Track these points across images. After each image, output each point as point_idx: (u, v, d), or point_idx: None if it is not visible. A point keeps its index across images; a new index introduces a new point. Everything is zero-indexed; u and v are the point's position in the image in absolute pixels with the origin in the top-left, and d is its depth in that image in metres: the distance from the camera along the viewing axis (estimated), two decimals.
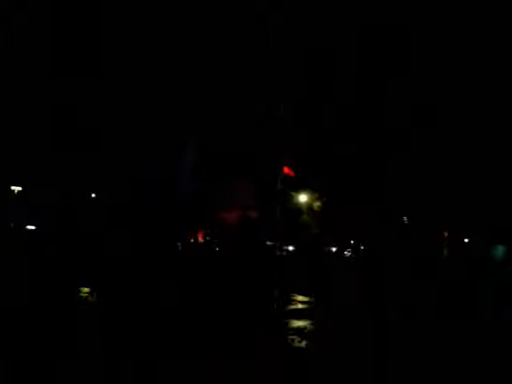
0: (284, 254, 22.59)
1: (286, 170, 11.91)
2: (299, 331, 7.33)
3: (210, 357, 3.89)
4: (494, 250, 6.46)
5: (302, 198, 22.46)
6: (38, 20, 18.16)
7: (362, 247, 24.55)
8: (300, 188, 21.30)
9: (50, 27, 18.14)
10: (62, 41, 18.73)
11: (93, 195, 20.71)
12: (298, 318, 8.50)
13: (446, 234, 19.55)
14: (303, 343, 6.46)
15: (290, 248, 24.71)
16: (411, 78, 18.56)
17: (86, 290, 10.69)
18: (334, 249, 26.80)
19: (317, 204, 22.39)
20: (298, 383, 4.74)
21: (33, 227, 20.53)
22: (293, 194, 21.31)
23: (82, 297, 9.64)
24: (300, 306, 10.64)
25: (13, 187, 21.63)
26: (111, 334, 4.98)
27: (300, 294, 11.86)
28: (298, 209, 22.18)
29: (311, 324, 8.02)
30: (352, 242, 27.15)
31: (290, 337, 6.98)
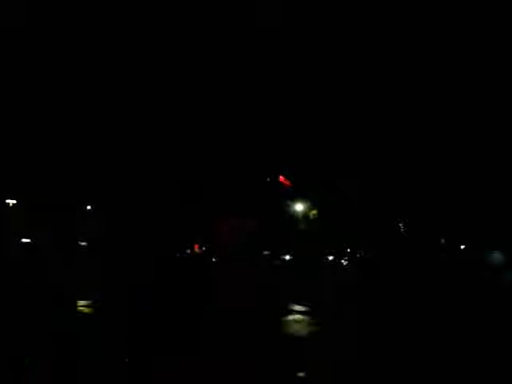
0: (280, 263, 22.53)
1: (281, 179, 11.88)
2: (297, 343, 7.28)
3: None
4: (491, 256, 6.46)
5: (298, 207, 22.43)
6: None
7: (358, 255, 24.52)
8: (296, 197, 21.28)
9: None
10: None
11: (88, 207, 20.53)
12: (296, 331, 8.43)
13: (442, 240, 19.56)
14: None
15: (287, 257, 24.61)
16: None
17: (83, 302, 10.59)
18: (330, 257, 26.73)
19: (313, 213, 22.34)
20: None
21: (28, 240, 20.33)
22: (289, 203, 21.27)
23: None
24: (297, 316, 10.56)
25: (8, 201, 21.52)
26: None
27: (297, 304, 11.78)
28: (295, 218, 22.14)
29: (309, 337, 7.96)
30: (348, 250, 27.10)
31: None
